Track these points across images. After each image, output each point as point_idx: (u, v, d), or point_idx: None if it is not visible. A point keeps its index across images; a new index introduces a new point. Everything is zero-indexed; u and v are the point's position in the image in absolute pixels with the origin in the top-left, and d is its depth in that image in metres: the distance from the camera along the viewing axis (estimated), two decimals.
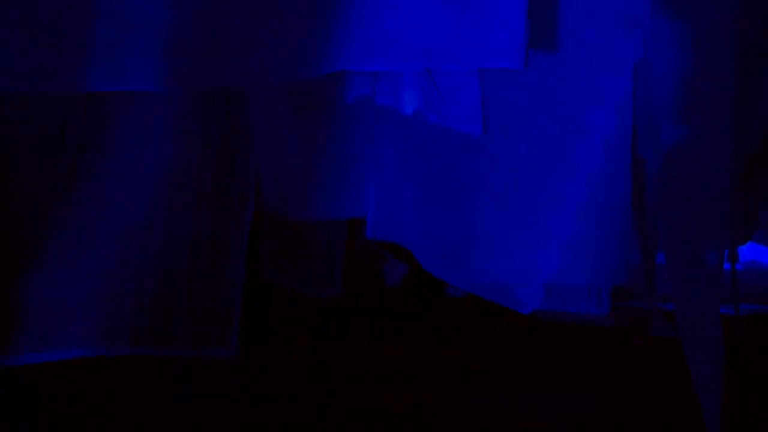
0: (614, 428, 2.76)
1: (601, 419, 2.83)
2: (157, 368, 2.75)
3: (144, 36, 2.34)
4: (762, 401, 2.56)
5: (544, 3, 2.31)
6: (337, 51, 2.30)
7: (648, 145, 2.52)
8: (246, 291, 2.56)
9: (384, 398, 3.03)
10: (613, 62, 2.33)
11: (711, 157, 2.23)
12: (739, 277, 2.42)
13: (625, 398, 2.96)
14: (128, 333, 2.61)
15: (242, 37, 2.35)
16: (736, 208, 2.37)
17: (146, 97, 2.70)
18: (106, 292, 2.65)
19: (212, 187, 2.71)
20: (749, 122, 2.37)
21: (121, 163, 2.69)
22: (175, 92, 2.73)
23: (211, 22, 2.35)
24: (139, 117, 2.74)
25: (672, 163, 2.25)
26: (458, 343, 3.52)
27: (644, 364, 3.25)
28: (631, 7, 2.38)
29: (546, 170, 2.41)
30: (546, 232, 2.38)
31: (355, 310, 3.71)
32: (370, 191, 2.79)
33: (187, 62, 2.35)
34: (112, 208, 2.72)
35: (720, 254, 2.22)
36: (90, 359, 2.58)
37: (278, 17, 2.36)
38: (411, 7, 2.29)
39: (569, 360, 3.12)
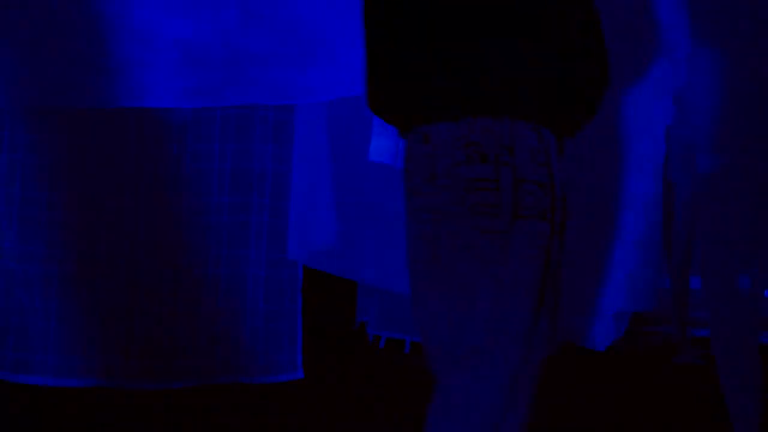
0: (614, 428, 2.77)
1: (601, 420, 2.83)
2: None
3: (167, 55, 2.32)
4: None
5: None
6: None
7: (680, 171, 2.52)
8: None
9: (385, 398, 3.02)
10: (658, 91, 2.32)
11: (749, 184, 2.24)
12: None
13: (625, 398, 2.96)
14: (200, 366, 2.68)
15: (263, 55, 2.32)
16: None
17: (158, 122, 2.70)
18: (177, 332, 2.71)
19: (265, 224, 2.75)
20: None
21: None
22: (195, 113, 2.72)
23: (232, 42, 2.33)
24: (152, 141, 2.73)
25: (709, 190, 2.25)
26: None
27: (644, 366, 3.26)
28: (673, 36, 2.38)
29: (608, 202, 2.39)
30: (612, 266, 2.36)
31: None
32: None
33: (209, 80, 2.33)
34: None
35: (759, 281, 2.23)
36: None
37: (299, 37, 2.33)
38: None
39: (569, 362, 3.11)
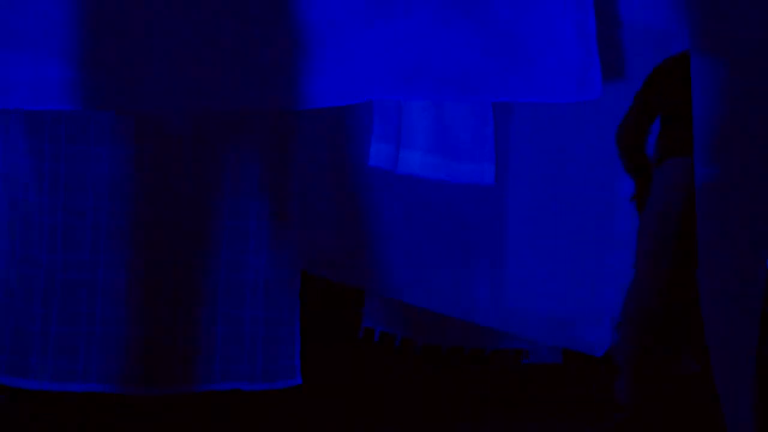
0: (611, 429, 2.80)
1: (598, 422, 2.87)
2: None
3: (166, 58, 2.31)
4: None
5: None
6: (369, 81, 2.24)
7: None
8: None
9: (384, 405, 3.05)
10: None
11: (747, 196, 2.24)
12: None
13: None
14: (202, 372, 2.72)
15: (263, 61, 2.32)
16: None
17: (157, 127, 2.71)
18: (175, 338, 2.75)
19: (268, 232, 2.77)
20: None
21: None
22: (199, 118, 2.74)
23: (231, 46, 2.32)
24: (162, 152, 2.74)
25: (706, 200, 2.25)
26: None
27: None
28: (669, 39, 2.37)
29: (603, 209, 2.40)
30: (610, 270, 2.37)
31: None
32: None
33: (209, 84, 2.33)
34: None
35: (757, 293, 2.24)
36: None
37: (298, 44, 2.32)
38: (457, 40, 2.20)
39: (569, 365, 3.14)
